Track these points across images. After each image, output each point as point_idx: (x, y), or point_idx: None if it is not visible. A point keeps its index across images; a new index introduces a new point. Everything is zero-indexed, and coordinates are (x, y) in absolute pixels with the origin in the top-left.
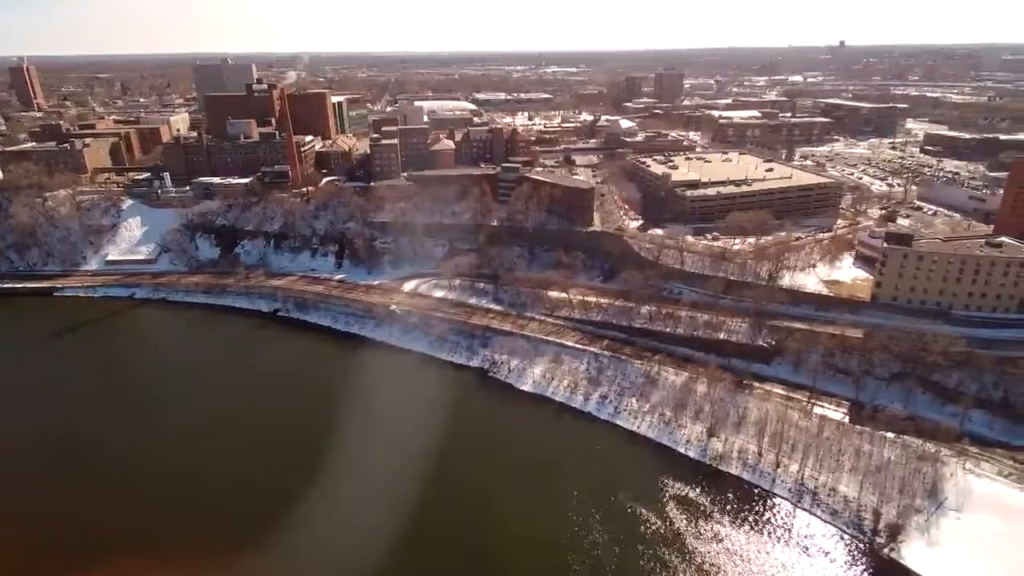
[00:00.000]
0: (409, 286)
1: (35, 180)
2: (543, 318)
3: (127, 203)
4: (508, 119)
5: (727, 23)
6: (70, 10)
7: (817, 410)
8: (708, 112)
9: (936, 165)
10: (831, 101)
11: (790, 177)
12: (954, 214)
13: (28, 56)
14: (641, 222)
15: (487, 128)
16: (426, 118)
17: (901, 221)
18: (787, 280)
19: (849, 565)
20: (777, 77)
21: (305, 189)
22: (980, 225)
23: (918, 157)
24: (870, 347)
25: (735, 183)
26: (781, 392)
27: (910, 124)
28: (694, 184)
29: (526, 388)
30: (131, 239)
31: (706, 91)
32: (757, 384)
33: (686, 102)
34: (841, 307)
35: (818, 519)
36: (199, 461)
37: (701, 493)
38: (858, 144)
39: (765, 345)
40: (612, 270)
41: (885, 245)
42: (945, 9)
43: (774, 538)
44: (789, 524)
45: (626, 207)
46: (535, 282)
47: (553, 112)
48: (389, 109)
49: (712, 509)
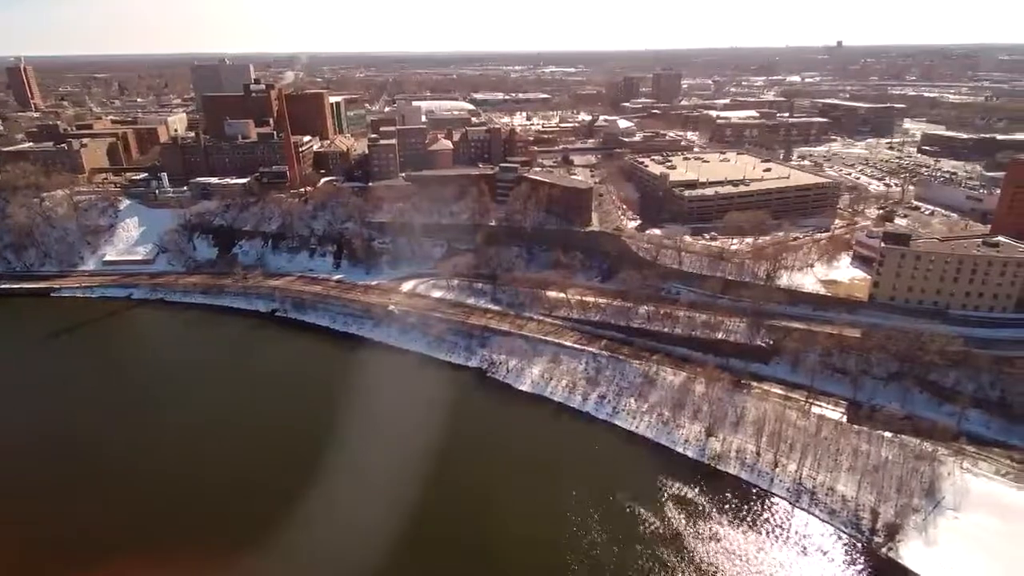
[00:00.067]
0: (407, 286)
1: (32, 180)
2: (541, 318)
3: (124, 203)
4: (506, 119)
5: (725, 23)
6: (67, 10)
7: (815, 409)
8: (706, 112)
9: (933, 165)
10: (829, 101)
11: (788, 177)
12: (951, 214)
13: (25, 56)
14: (639, 222)
15: (485, 128)
16: (424, 118)
17: (899, 221)
18: (785, 280)
19: (847, 564)
20: (775, 77)
21: (303, 189)
22: (977, 225)
23: (915, 157)
24: (868, 347)
25: (733, 183)
26: (779, 392)
27: (907, 124)
28: (692, 184)
29: (524, 388)
30: (128, 239)
31: (704, 91)
32: (755, 384)
33: (684, 102)
34: (839, 307)
35: (816, 518)
36: (198, 461)
37: (699, 493)
38: (856, 144)
39: (763, 345)
40: (610, 270)
41: (882, 245)
42: (942, 9)
43: (772, 537)
44: (787, 523)
45: (624, 207)
46: (533, 282)
47: (551, 112)
48: (387, 109)
49: (710, 509)
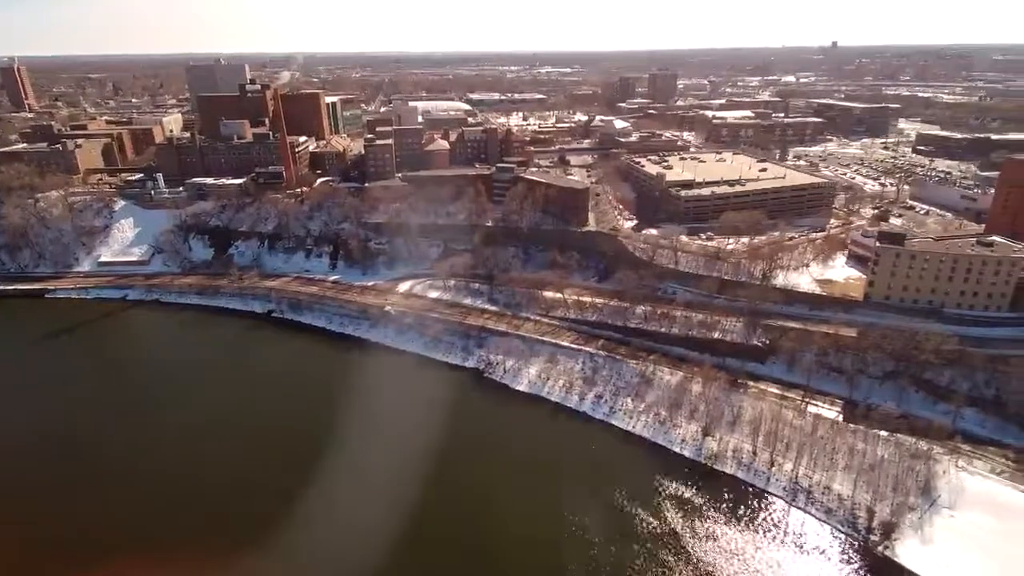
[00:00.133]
0: (404, 287)
1: (26, 181)
2: (538, 318)
3: (120, 204)
4: (503, 119)
5: (721, 24)
6: (62, 10)
7: (811, 409)
8: (702, 112)
9: (928, 165)
10: (824, 101)
11: (783, 177)
12: (946, 213)
13: (19, 56)
14: (636, 222)
15: (482, 128)
16: (420, 118)
17: (893, 220)
18: (781, 279)
19: (843, 563)
20: (770, 77)
21: (299, 190)
22: (972, 224)
23: (910, 157)
24: (863, 346)
25: (729, 183)
26: (775, 391)
27: (902, 124)
28: (688, 184)
29: (522, 388)
30: (124, 240)
31: (700, 91)
32: (752, 383)
33: (680, 102)
34: (835, 306)
35: (812, 517)
36: (196, 461)
37: (696, 492)
38: (851, 144)
39: (759, 344)
40: (607, 270)
41: (878, 244)
42: (936, 10)
43: (769, 536)
44: (784, 522)
45: (621, 207)
46: (530, 282)
47: (547, 112)
48: (383, 109)
49: (707, 508)
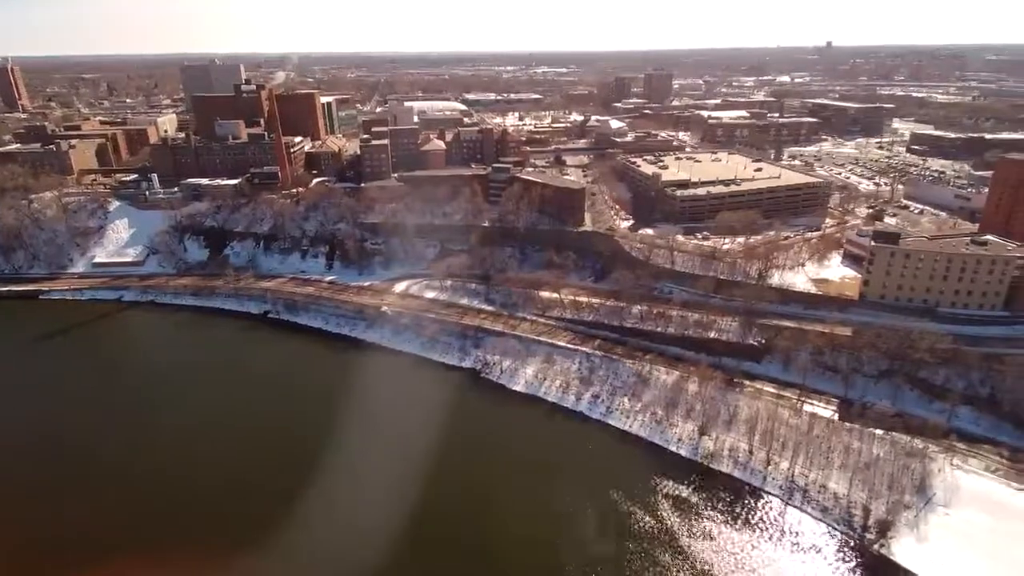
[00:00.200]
0: (400, 287)
1: (20, 182)
2: (535, 318)
3: (114, 205)
4: (498, 119)
5: (716, 24)
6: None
7: (807, 408)
8: (697, 112)
9: (922, 164)
10: (819, 101)
11: (779, 177)
12: (940, 212)
13: (12, 56)
14: (632, 222)
15: (477, 128)
16: (416, 118)
17: (888, 220)
18: (776, 279)
19: (839, 561)
20: (765, 78)
21: (295, 190)
22: (966, 223)
23: (904, 156)
24: (859, 345)
25: (724, 183)
26: (771, 390)
27: (896, 124)
28: (684, 184)
29: (518, 388)
30: (118, 241)
31: (695, 91)
32: (748, 382)
33: (675, 102)
34: (830, 305)
35: (808, 516)
36: (193, 462)
37: (693, 491)
38: (845, 144)
39: (755, 344)
40: (603, 270)
41: (873, 244)
42: (930, 10)
43: (765, 535)
44: (780, 521)
45: (617, 207)
46: (526, 282)
47: (543, 112)
48: (379, 109)
49: (704, 507)
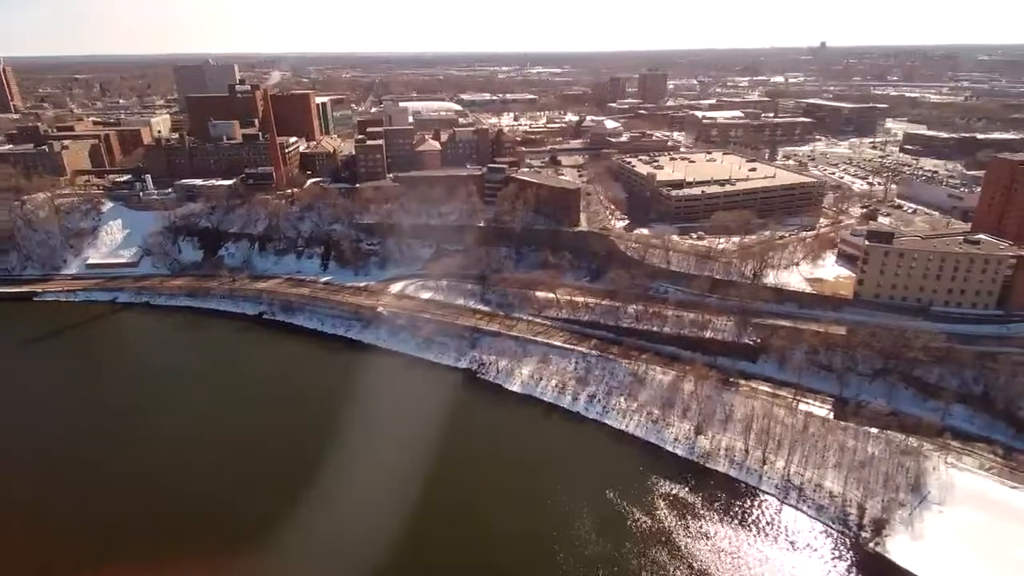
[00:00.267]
0: (396, 288)
1: (13, 183)
2: (531, 318)
3: (108, 206)
4: (494, 120)
5: (710, 24)
6: (47, 10)
7: (802, 407)
8: (692, 112)
9: (915, 164)
10: (812, 101)
11: (773, 177)
12: (933, 212)
13: (4, 57)
14: (627, 222)
15: (473, 129)
16: (411, 119)
17: (882, 219)
18: (771, 278)
19: (835, 559)
20: (759, 78)
21: (289, 191)
22: (959, 223)
23: (898, 156)
24: (853, 344)
25: (719, 183)
26: (767, 389)
27: (890, 124)
28: (679, 184)
29: (515, 388)
30: (112, 242)
31: (690, 92)
32: (743, 382)
33: (670, 103)
34: (824, 304)
35: (804, 514)
36: (190, 464)
37: (689, 490)
38: (839, 144)
39: (750, 343)
40: (599, 270)
41: (866, 243)
42: (923, 10)
43: (761, 534)
44: (776, 520)
45: (612, 207)
46: (522, 282)
47: (538, 112)
48: (374, 110)
49: (700, 506)
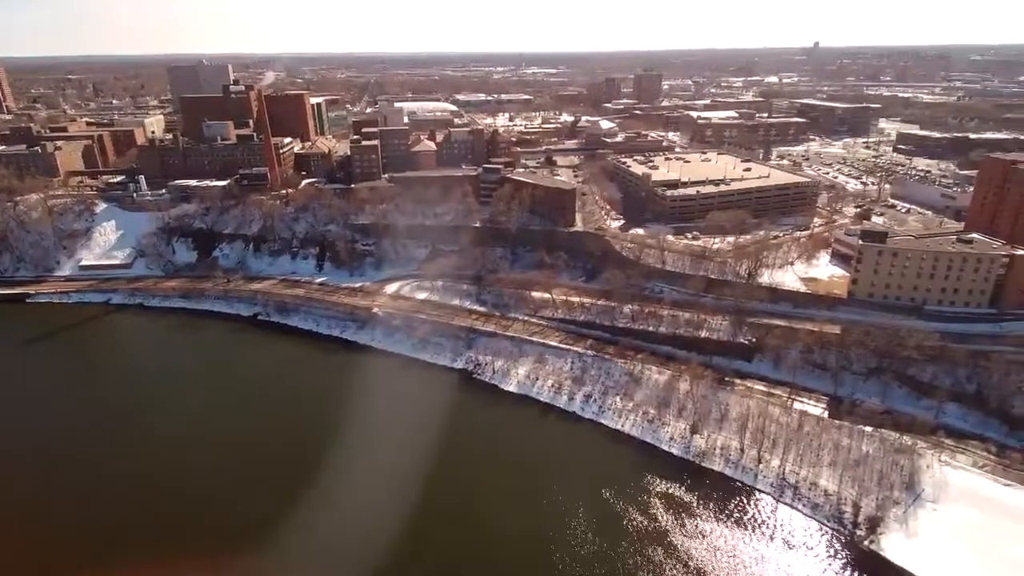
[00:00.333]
0: (392, 288)
1: (5, 184)
2: (526, 319)
3: (101, 207)
4: (489, 120)
5: (704, 25)
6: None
7: (797, 405)
8: (687, 113)
9: (908, 164)
10: (806, 101)
11: (768, 176)
12: (926, 211)
13: None
14: (622, 222)
15: (468, 129)
16: (406, 119)
17: (876, 219)
18: (766, 278)
19: (830, 557)
20: (753, 78)
21: (284, 191)
22: (952, 222)
23: (891, 156)
24: (847, 343)
25: (714, 183)
26: (762, 388)
27: (883, 124)
28: (674, 184)
29: (511, 389)
30: (106, 243)
31: (684, 92)
32: (738, 381)
33: (665, 103)
34: (819, 304)
35: (799, 513)
36: (186, 465)
37: (685, 489)
38: (833, 144)
39: (745, 342)
40: (594, 270)
41: (860, 242)
42: (916, 10)
43: (757, 532)
44: (771, 518)
45: (607, 207)
46: (518, 283)
47: (534, 113)
48: (369, 110)
49: (696, 505)
